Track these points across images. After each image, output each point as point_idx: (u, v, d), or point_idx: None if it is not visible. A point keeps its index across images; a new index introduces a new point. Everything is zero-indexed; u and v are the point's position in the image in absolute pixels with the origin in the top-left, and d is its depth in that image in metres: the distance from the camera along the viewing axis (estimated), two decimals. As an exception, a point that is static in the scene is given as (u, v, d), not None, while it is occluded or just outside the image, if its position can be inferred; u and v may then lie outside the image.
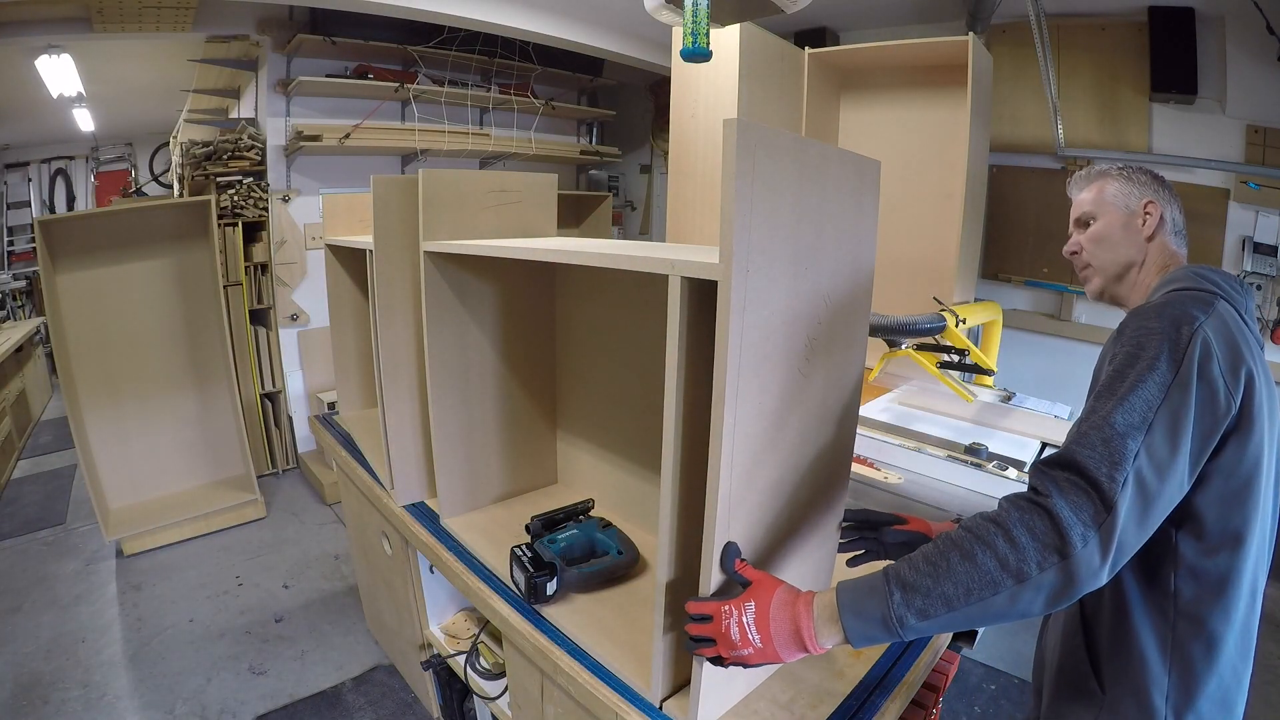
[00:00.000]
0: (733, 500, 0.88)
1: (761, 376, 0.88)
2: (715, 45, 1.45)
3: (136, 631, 2.57)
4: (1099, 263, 1.08)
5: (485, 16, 3.15)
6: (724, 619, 0.82)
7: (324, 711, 2.21)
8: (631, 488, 1.60)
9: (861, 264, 1.06)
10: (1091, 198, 1.10)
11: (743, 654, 0.81)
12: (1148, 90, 2.90)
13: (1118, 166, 1.10)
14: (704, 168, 2.70)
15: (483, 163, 4.55)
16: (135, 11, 3.03)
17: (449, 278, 1.48)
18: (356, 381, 2.38)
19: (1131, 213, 1.06)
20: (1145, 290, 1.04)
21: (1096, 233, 1.08)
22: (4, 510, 3.61)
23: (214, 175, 3.58)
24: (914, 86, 2.88)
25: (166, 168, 6.49)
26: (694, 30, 1.38)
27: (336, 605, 2.79)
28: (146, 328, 3.28)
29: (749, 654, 0.81)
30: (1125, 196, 1.07)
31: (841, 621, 0.77)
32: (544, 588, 1.25)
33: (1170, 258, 1.04)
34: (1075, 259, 1.13)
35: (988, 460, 1.93)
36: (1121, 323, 0.89)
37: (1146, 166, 1.11)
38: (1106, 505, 0.70)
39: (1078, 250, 1.11)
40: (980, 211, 2.94)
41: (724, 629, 0.82)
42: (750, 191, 0.78)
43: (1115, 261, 1.07)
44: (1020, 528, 0.70)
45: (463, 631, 1.86)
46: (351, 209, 2.24)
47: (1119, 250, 1.06)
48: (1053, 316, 3.39)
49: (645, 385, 1.50)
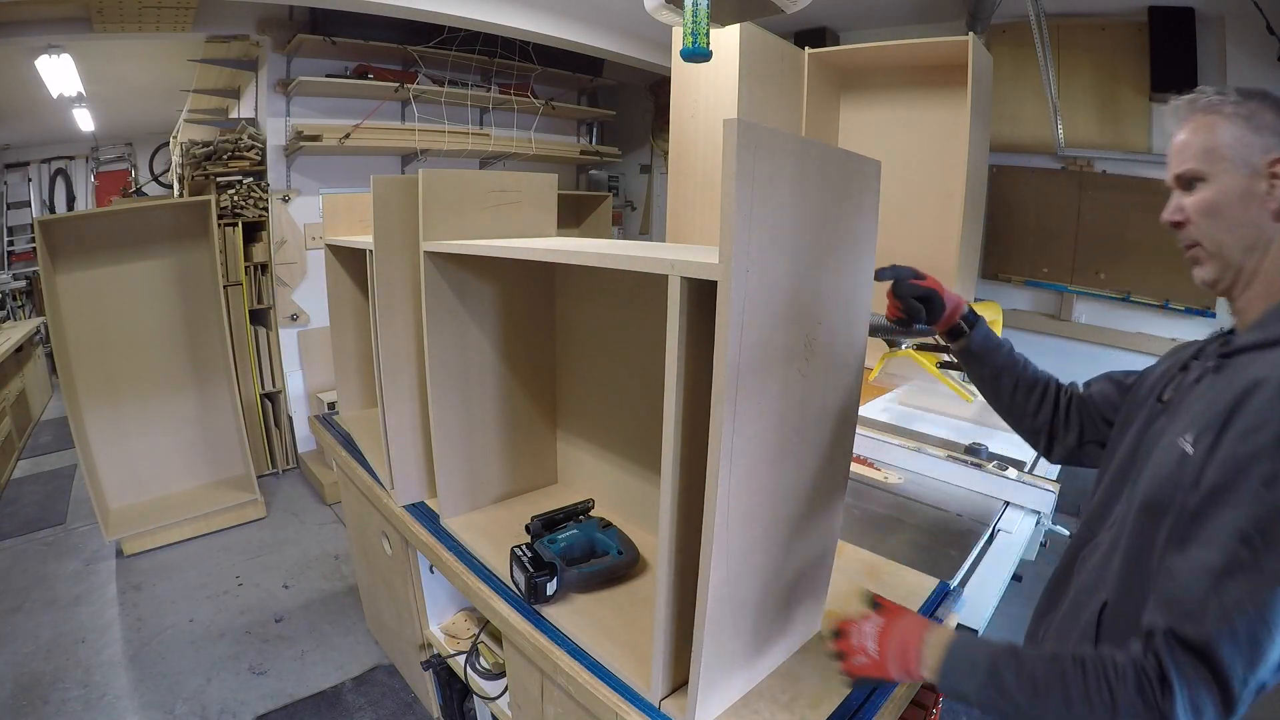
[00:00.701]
0: (732, 500, 0.88)
1: (761, 376, 0.88)
2: (715, 45, 1.45)
3: (136, 631, 2.57)
4: (1214, 243, 0.81)
5: (485, 16, 3.16)
6: (854, 629, 0.91)
7: (324, 711, 2.21)
8: (631, 488, 1.60)
9: (861, 264, 1.05)
10: (1199, 145, 0.81)
11: (859, 662, 0.89)
12: (1148, 90, 2.90)
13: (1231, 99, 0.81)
14: (704, 168, 2.70)
15: (483, 163, 4.55)
16: (135, 11, 3.03)
17: (449, 278, 1.48)
18: (356, 381, 2.38)
19: (1254, 173, 0.78)
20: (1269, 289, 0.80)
21: (1208, 202, 0.80)
22: (4, 510, 3.61)
23: (214, 175, 3.58)
24: (914, 86, 2.88)
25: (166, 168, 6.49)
26: (694, 30, 1.38)
27: (336, 605, 2.79)
28: (146, 328, 3.28)
29: (863, 663, 0.88)
30: (1245, 149, 0.78)
31: (940, 671, 0.83)
32: (544, 588, 1.25)
33: None
34: (1179, 232, 0.85)
35: (987, 460, 1.93)
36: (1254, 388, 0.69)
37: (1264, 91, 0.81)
38: (1229, 708, 0.65)
39: (1182, 221, 0.84)
40: (980, 211, 2.94)
41: (853, 639, 0.90)
42: (750, 191, 0.78)
43: (1239, 244, 0.80)
44: (1127, 713, 0.67)
45: (463, 631, 1.86)
46: (351, 209, 2.24)
47: (1241, 228, 0.79)
48: (1053, 316, 3.39)
49: (645, 385, 1.50)
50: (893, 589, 1.35)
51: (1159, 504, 0.78)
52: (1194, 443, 0.75)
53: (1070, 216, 3.25)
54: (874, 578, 1.40)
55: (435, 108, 4.06)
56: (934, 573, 1.42)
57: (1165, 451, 0.81)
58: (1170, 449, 0.79)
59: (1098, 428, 1.07)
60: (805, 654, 1.16)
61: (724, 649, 0.97)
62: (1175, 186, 0.85)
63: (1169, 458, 0.79)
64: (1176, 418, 0.83)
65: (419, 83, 3.92)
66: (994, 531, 1.69)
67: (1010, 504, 1.78)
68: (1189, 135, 0.83)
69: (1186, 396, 0.84)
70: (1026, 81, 3.11)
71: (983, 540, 1.64)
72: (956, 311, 1.15)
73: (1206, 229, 0.81)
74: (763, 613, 1.03)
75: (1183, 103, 0.85)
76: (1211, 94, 0.82)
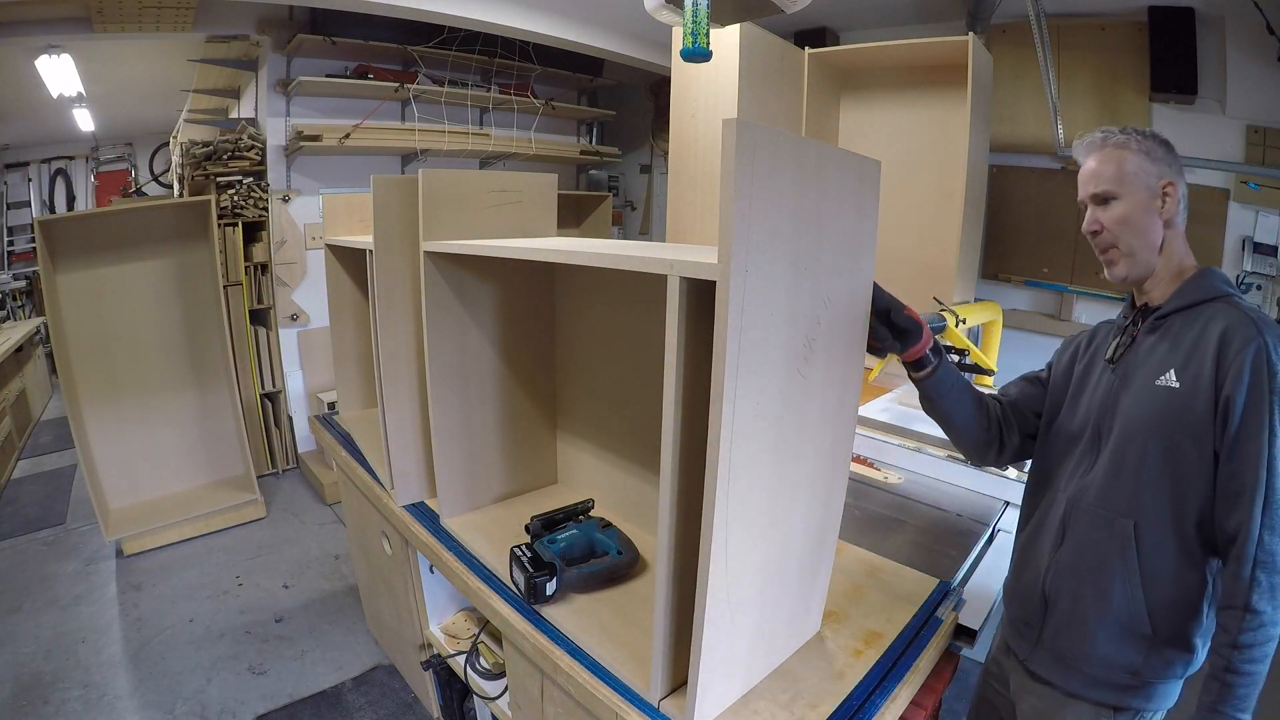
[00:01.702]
0: (732, 500, 0.88)
1: (760, 377, 0.88)
2: (715, 45, 1.45)
3: (136, 631, 2.58)
4: (1128, 247, 1.05)
5: (485, 16, 3.16)
6: None
7: (324, 711, 2.21)
8: (631, 488, 1.60)
9: (861, 264, 1.06)
10: (1112, 173, 1.05)
11: None
12: (1148, 90, 2.90)
13: (1134, 136, 1.05)
14: (704, 168, 2.69)
15: (483, 163, 4.55)
16: (135, 11, 3.03)
17: (449, 278, 1.48)
18: (356, 381, 2.38)
19: (1152, 193, 1.03)
20: (1169, 280, 1.06)
21: (1123, 215, 1.04)
22: (4, 510, 3.61)
23: (214, 175, 3.58)
24: (914, 86, 2.87)
25: (166, 168, 6.49)
26: (694, 30, 1.38)
27: (336, 605, 2.79)
28: (146, 328, 3.28)
29: None
30: (1145, 175, 1.03)
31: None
32: (544, 588, 1.25)
33: (1183, 241, 1.06)
34: (1096, 239, 1.09)
35: (987, 460, 1.93)
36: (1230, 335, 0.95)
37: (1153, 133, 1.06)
38: None
39: (1099, 229, 1.07)
40: (980, 211, 2.94)
41: None
42: (750, 191, 0.78)
43: (1145, 246, 1.04)
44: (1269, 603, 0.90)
45: (463, 631, 1.86)
46: (351, 209, 2.24)
47: (1146, 234, 1.04)
48: (1053, 316, 3.39)
49: (645, 385, 1.50)
50: (893, 589, 1.36)
51: (1158, 431, 0.99)
52: (1178, 379, 0.99)
53: (1070, 216, 3.24)
54: (874, 578, 1.40)
55: (435, 108, 4.06)
56: (934, 573, 1.42)
57: (1141, 394, 1.03)
58: (1146, 390, 1.02)
59: (1029, 422, 1.26)
60: (805, 654, 1.16)
61: (723, 649, 0.97)
62: (1090, 203, 1.08)
63: (1151, 396, 1.01)
64: (1135, 371, 1.05)
65: (419, 83, 3.92)
66: (994, 531, 1.69)
67: (1010, 504, 1.78)
68: (1100, 164, 1.06)
69: (1135, 355, 1.07)
70: (1026, 81, 3.10)
71: (983, 540, 1.64)
72: (926, 344, 1.19)
73: (1121, 235, 1.05)
74: (762, 613, 1.04)
75: (1095, 139, 1.08)
76: (1117, 134, 1.06)
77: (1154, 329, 1.06)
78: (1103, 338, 1.18)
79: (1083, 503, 1.08)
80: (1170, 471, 0.99)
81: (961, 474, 1.91)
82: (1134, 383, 1.05)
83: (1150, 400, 1.01)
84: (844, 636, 1.21)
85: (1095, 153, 1.07)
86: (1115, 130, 1.07)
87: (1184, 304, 1.03)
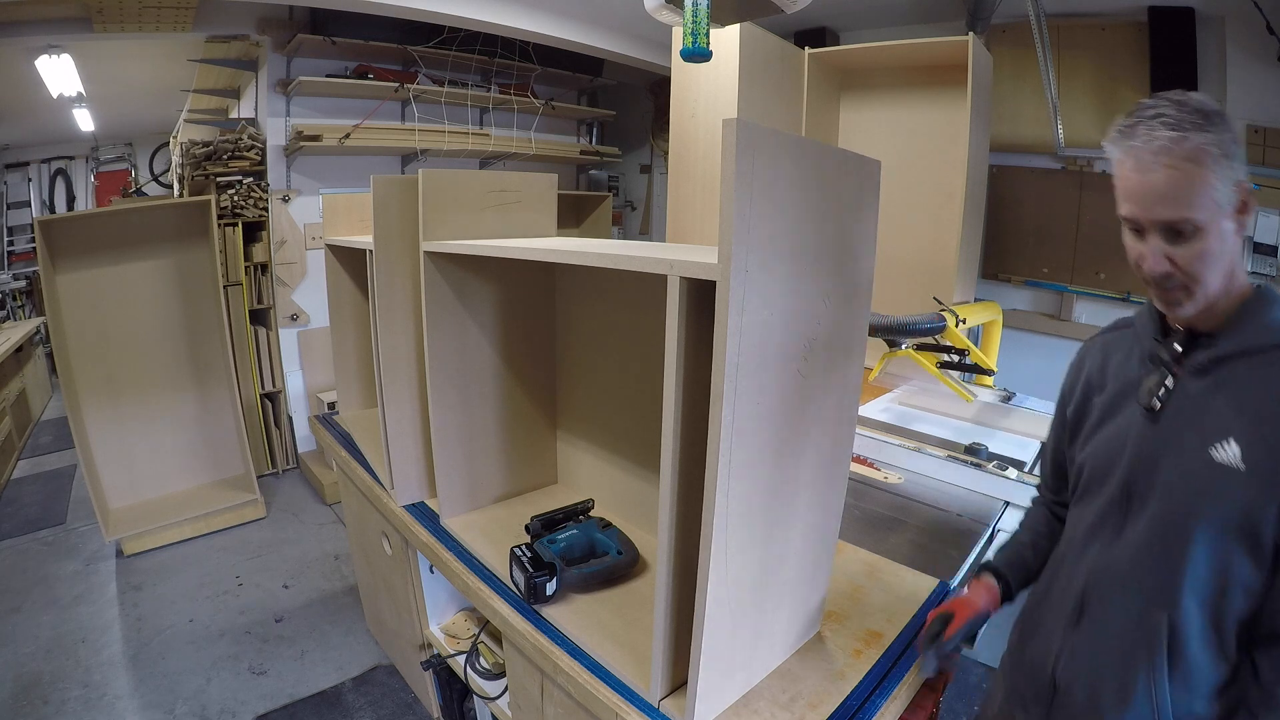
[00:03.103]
0: (732, 500, 0.88)
1: (760, 377, 0.88)
2: (715, 45, 1.45)
3: (136, 631, 2.58)
4: (1205, 280, 0.80)
5: (485, 16, 3.16)
6: None
7: (324, 711, 2.21)
8: (631, 488, 1.60)
9: (861, 264, 1.05)
10: (1193, 195, 0.75)
11: None
12: (1148, 90, 2.90)
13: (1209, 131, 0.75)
14: (704, 168, 2.70)
15: (483, 163, 4.55)
16: (135, 11, 3.04)
17: (449, 278, 1.48)
18: (356, 381, 2.38)
19: (1234, 208, 0.78)
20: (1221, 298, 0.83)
21: (1207, 251, 0.78)
22: (4, 510, 3.61)
23: (214, 175, 3.58)
24: (914, 86, 2.88)
25: (166, 168, 6.50)
26: (694, 30, 1.38)
27: (336, 605, 2.79)
28: (146, 328, 3.28)
29: None
30: (1226, 186, 0.76)
31: None
32: (543, 588, 1.25)
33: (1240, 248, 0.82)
34: (1164, 280, 0.81)
35: (988, 460, 1.94)
36: None
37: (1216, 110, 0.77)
38: None
39: (1171, 271, 0.80)
40: (980, 211, 2.94)
41: None
42: (749, 191, 0.78)
43: (1222, 274, 0.80)
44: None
45: (463, 631, 1.86)
46: (351, 209, 2.24)
47: (1223, 261, 0.79)
48: (1053, 316, 3.39)
49: (645, 385, 1.50)
50: (893, 589, 1.36)
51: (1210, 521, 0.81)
52: (1242, 460, 0.78)
53: (1070, 216, 3.24)
54: (874, 578, 1.40)
55: (435, 108, 4.06)
56: (934, 573, 1.42)
57: (1190, 465, 0.82)
58: (1197, 462, 0.81)
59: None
60: (805, 654, 1.16)
61: (723, 649, 0.97)
62: (1152, 230, 0.80)
63: (1203, 473, 0.81)
64: (1181, 428, 0.85)
65: (419, 83, 3.92)
66: (994, 531, 1.69)
67: (1010, 504, 1.78)
68: (1173, 182, 0.76)
69: (1180, 404, 0.86)
70: (1026, 81, 3.10)
71: (983, 540, 1.64)
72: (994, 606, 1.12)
73: (1201, 273, 0.79)
74: (762, 613, 1.04)
75: (1161, 137, 0.76)
76: (1189, 127, 0.75)
77: (1204, 370, 0.84)
78: (1124, 364, 0.96)
79: (1107, 579, 0.92)
80: (1219, 566, 0.81)
81: (961, 474, 1.91)
82: (1179, 444, 0.84)
83: (1203, 479, 0.81)
84: (844, 636, 1.21)
85: (1162, 160, 0.76)
86: (1183, 115, 0.76)
87: (1249, 347, 0.81)
